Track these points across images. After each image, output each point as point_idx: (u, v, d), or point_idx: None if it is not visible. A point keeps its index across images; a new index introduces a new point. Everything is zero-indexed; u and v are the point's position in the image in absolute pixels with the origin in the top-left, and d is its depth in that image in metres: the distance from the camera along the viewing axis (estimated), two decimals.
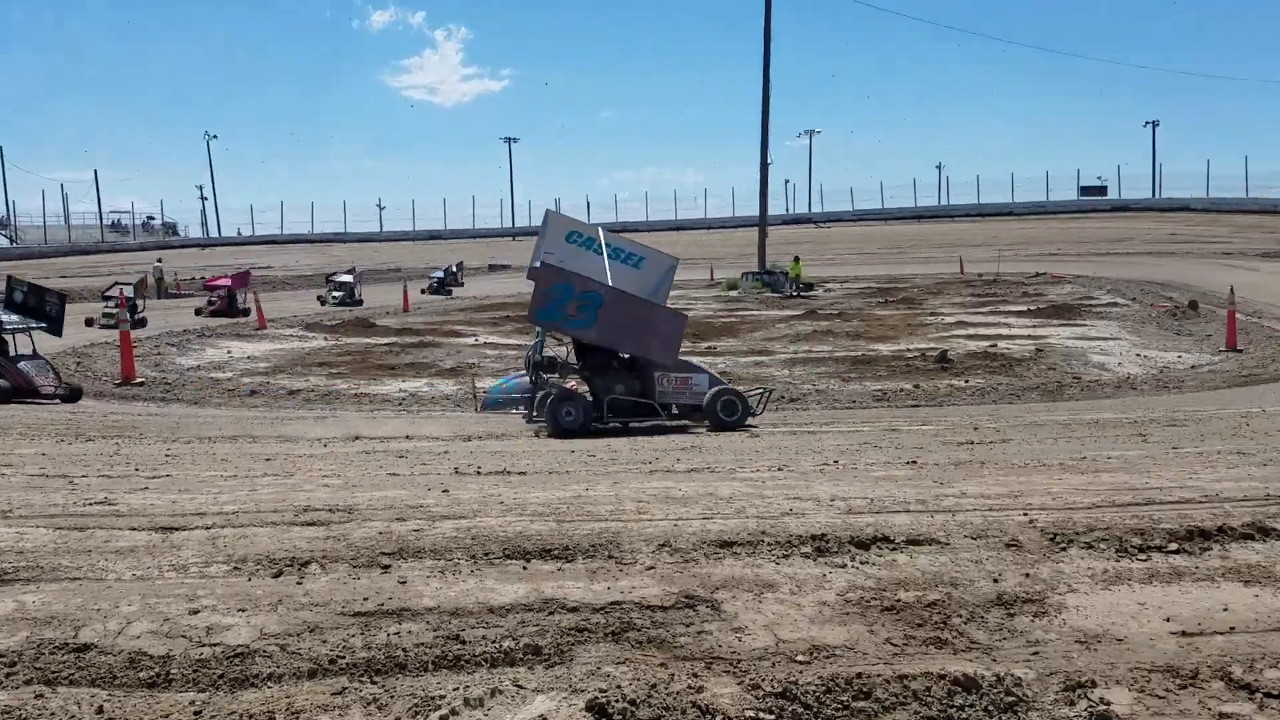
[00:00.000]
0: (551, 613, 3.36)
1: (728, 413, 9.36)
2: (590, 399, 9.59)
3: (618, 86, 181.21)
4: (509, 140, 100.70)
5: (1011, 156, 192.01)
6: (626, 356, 9.97)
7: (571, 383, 10.66)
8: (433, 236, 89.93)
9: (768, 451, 6.91)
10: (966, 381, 14.95)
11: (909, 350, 18.53)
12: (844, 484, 5.02)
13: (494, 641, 3.14)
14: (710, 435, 8.47)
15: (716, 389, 9.72)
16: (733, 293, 36.42)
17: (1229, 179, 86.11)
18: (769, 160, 40.31)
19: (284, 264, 58.47)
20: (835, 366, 16.88)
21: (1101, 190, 79.27)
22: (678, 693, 2.78)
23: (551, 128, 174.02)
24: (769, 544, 3.97)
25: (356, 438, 8.72)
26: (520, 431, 9.72)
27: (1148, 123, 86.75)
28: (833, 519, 4.22)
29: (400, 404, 13.75)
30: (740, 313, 28.19)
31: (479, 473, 6.04)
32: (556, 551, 3.96)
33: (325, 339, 22.00)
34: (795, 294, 34.32)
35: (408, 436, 8.95)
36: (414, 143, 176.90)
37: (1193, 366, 16.01)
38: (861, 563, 3.79)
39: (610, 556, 3.90)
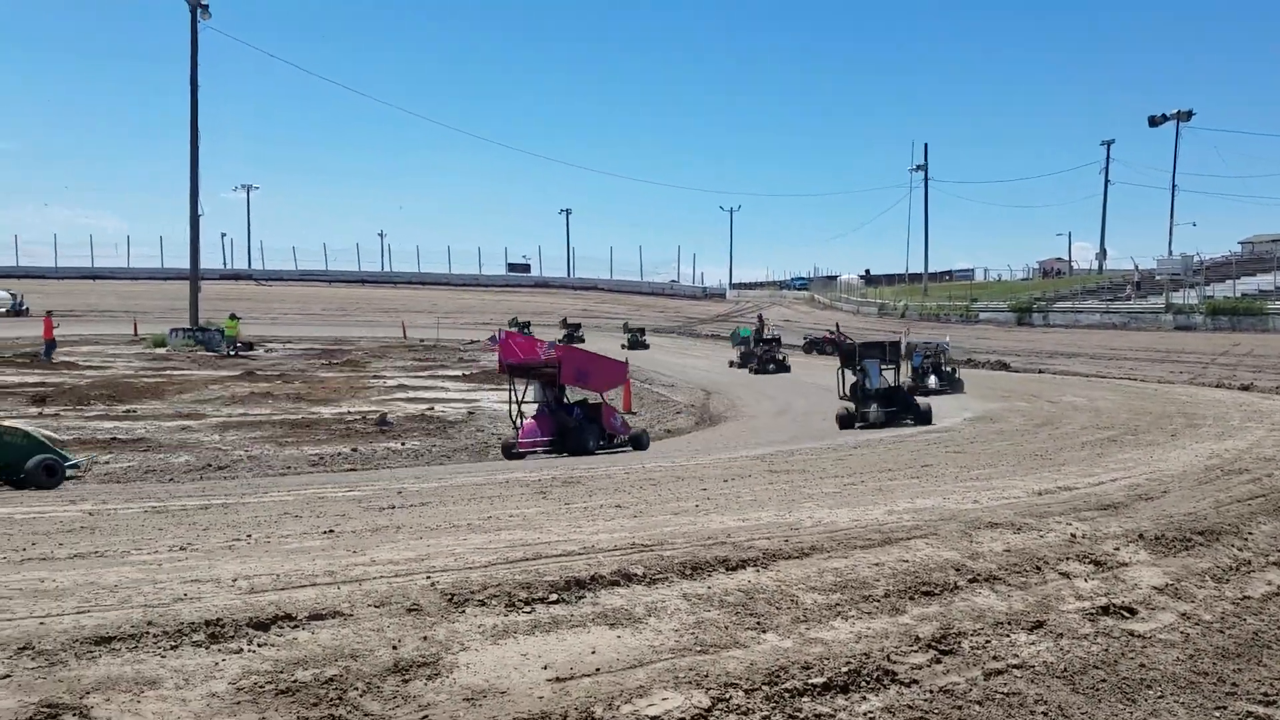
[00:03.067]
0: None
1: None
2: None
3: (19, 114, 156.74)
4: None
5: (449, 230, 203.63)
6: None
7: None
8: None
9: (175, 528, 6.36)
10: (404, 444, 15.27)
11: (350, 413, 18.46)
12: (252, 561, 4.80)
13: None
14: (109, 513, 7.55)
15: None
16: (160, 350, 33.32)
17: (628, 264, 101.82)
18: (200, 211, 37.83)
19: None
20: (273, 430, 16.21)
21: (526, 267, 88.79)
22: None
23: None
24: (155, 635, 3.62)
25: None
26: None
27: (562, 210, 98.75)
28: (232, 600, 4.00)
29: None
30: (169, 372, 25.79)
31: None
32: None
33: None
34: (233, 353, 32.56)
35: None
36: None
37: None
38: (260, 645, 3.64)
39: None
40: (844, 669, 3.86)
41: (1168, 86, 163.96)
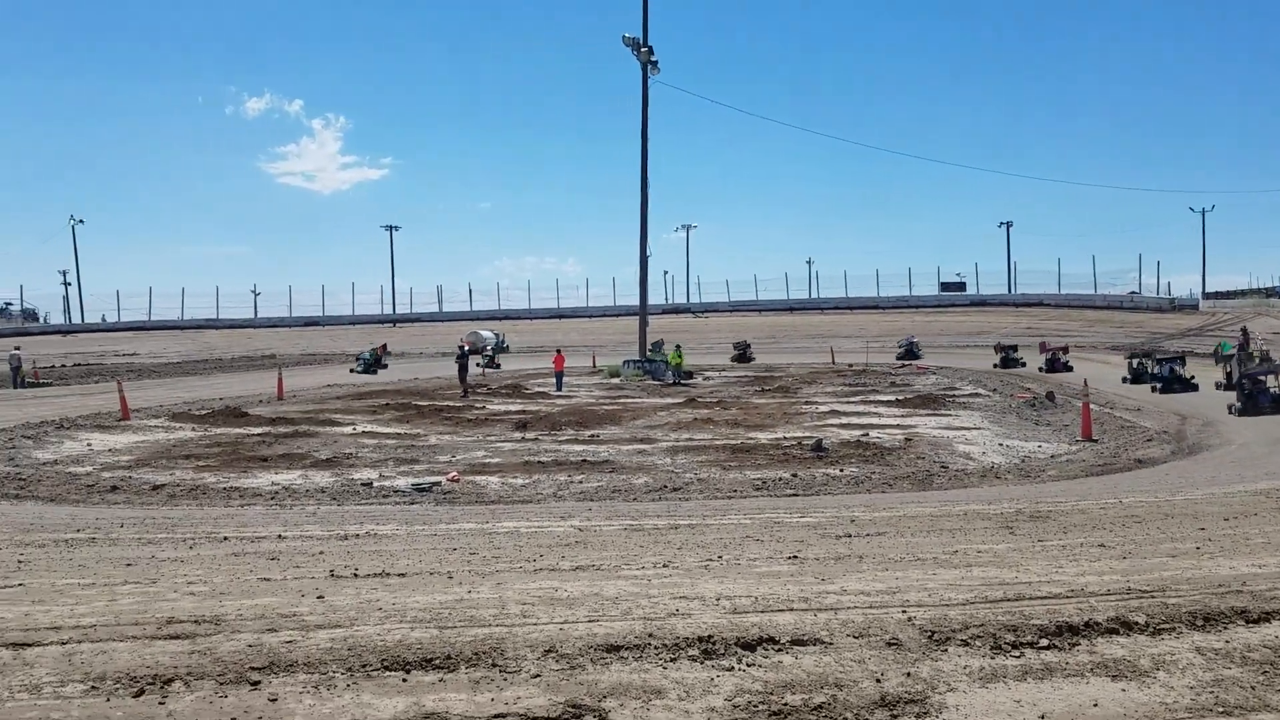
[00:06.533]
0: None
1: None
2: None
3: (497, 177, 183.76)
4: (390, 228, 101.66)
5: (877, 253, 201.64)
6: None
7: None
8: (310, 323, 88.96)
9: (653, 546, 6.90)
10: (841, 470, 15.29)
11: (786, 439, 18.85)
12: (729, 581, 5.04)
13: None
14: (595, 529, 8.39)
15: None
16: (615, 380, 36.71)
17: (1079, 276, 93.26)
18: (648, 253, 41.27)
19: (150, 351, 56.12)
20: (716, 455, 17.01)
21: (960, 286, 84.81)
22: None
23: (432, 216, 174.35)
24: (656, 647, 3.94)
25: (225, 538, 8.31)
26: (398, 527, 9.44)
27: (1002, 223, 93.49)
28: (718, 619, 4.23)
29: (273, 498, 13.20)
30: (623, 400, 28.33)
31: (356, 575, 5.83)
32: (438, 661, 3.84)
33: (193, 429, 21.03)
34: (676, 382, 34.88)
35: (280, 536, 8.57)
36: (291, 230, 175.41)
37: (1052, 456, 16.81)
38: (748, 665, 3.80)
39: (494, 665, 3.80)
40: None
41: None
